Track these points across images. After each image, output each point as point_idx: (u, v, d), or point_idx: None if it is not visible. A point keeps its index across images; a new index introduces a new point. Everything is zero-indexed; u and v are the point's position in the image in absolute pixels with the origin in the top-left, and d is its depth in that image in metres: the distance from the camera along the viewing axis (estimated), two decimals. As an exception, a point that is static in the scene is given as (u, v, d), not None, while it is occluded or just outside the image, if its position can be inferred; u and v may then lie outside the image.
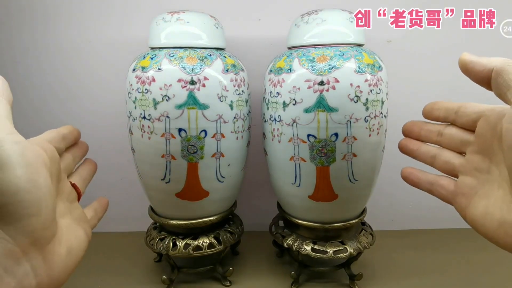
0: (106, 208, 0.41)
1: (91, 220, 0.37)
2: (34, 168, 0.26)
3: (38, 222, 0.25)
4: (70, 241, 0.30)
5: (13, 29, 0.63)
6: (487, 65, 0.29)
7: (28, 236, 0.25)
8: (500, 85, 0.28)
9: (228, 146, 0.49)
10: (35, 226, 0.25)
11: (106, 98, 0.65)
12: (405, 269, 0.57)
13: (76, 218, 0.33)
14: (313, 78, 0.44)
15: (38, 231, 0.25)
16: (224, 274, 0.54)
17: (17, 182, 0.24)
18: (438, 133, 0.36)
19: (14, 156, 0.24)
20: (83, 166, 0.40)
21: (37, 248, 0.26)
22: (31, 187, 0.25)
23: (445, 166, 0.35)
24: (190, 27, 0.48)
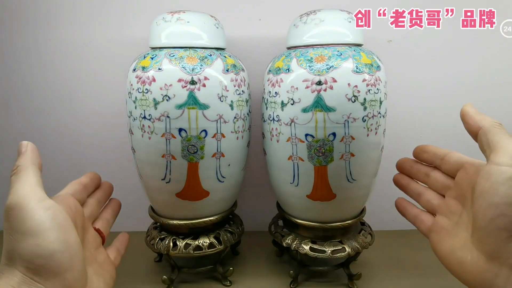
0: (128, 242, 0.45)
1: (115, 259, 0.40)
2: (64, 230, 0.30)
3: (72, 275, 0.29)
4: (99, 287, 0.34)
5: (14, 29, 0.63)
6: (478, 122, 0.33)
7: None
8: (484, 143, 0.32)
9: (229, 146, 0.49)
10: (69, 280, 0.29)
11: (107, 98, 0.65)
12: (405, 269, 0.57)
13: (102, 263, 0.37)
14: (311, 78, 0.44)
15: (72, 283, 0.29)
16: (225, 274, 0.54)
17: (52, 246, 0.28)
18: (425, 174, 0.41)
19: (47, 222, 0.28)
20: (107, 209, 0.44)
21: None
22: (63, 248, 0.29)
23: (427, 204, 0.40)
24: (191, 27, 0.48)
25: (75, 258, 0.30)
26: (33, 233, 0.28)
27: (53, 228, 0.29)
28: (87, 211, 0.38)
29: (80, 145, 0.67)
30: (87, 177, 0.41)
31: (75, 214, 0.33)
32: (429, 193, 0.40)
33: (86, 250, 0.35)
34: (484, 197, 0.29)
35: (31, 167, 0.31)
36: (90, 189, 0.41)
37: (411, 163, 0.44)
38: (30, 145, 0.32)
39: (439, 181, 0.39)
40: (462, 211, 0.35)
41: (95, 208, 0.41)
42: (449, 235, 0.35)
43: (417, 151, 0.43)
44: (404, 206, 0.44)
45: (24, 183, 0.29)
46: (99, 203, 0.42)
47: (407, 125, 0.66)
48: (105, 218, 0.42)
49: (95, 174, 0.43)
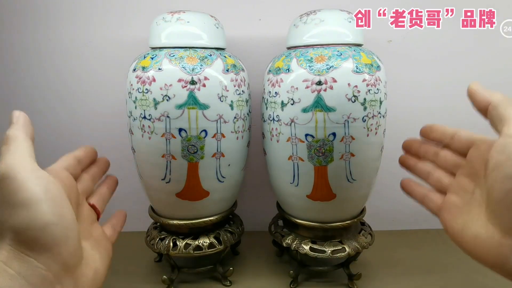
0: (124, 220, 0.43)
1: (111, 237, 0.39)
2: (58, 202, 0.28)
3: (67, 250, 0.28)
4: (95, 262, 0.32)
5: (14, 29, 0.63)
6: (487, 97, 0.32)
7: (59, 263, 0.27)
8: (494, 117, 0.31)
9: (229, 146, 0.49)
10: (64, 254, 0.27)
11: (107, 98, 0.65)
12: (405, 269, 0.57)
13: (97, 239, 0.35)
14: (311, 78, 0.44)
15: (67, 257, 0.28)
16: (225, 274, 0.54)
17: (45, 217, 0.27)
18: (434, 154, 0.40)
19: (40, 193, 0.27)
20: (102, 185, 0.42)
21: (68, 273, 0.28)
22: (57, 220, 0.27)
23: (436, 183, 0.39)
24: (191, 27, 0.48)
25: (70, 232, 0.28)
26: (25, 205, 0.26)
27: (46, 199, 0.27)
28: (81, 186, 0.37)
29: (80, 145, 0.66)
30: (82, 151, 0.39)
31: (69, 188, 0.32)
32: (438, 172, 0.39)
33: (80, 225, 0.33)
34: (500, 170, 0.29)
35: (23, 137, 0.29)
36: (84, 164, 0.39)
37: (419, 143, 0.42)
38: (22, 115, 0.31)
39: (449, 159, 0.38)
40: (474, 188, 0.34)
41: (90, 184, 0.39)
42: (462, 213, 0.34)
43: (424, 130, 0.42)
44: (411, 186, 0.42)
45: (15, 153, 0.28)
46: (94, 178, 0.40)
47: (407, 125, 0.65)
48: (101, 194, 0.40)
49: (91, 148, 0.41)
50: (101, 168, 0.42)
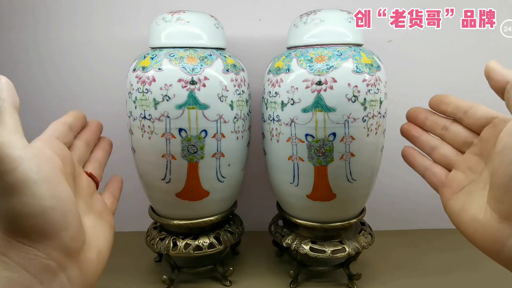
0: (121, 185, 0.40)
1: (112, 205, 0.36)
2: (54, 182, 0.25)
3: (68, 235, 0.26)
4: (98, 242, 0.30)
5: (14, 28, 0.63)
6: (506, 76, 0.31)
7: (61, 250, 0.25)
8: (510, 98, 0.29)
9: (229, 146, 0.49)
10: (65, 240, 0.25)
11: (107, 98, 0.65)
12: (405, 269, 0.57)
13: (99, 212, 0.33)
14: (311, 78, 0.44)
15: (69, 243, 0.26)
16: (225, 274, 0.54)
17: (41, 202, 0.24)
18: (443, 127, 0.37)
19: (32, 174, 0.24)
20: (97, 149, 0.39)
21: (71, 259, 0.26)
22: (55, 203, 0.25)
23: (442, 159, 0.37)
24: (191, 27, 0.48)
25: (69, 214, 0.26)
26: (17, 189, 0.23)
27: (40, 180, 0.24)
28: (76, 154, 0.34)
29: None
30: (71, 115, 0.35)
31: (63, 160, 0.29)
32: (445, 147, 0.37)
33: (80, 200, 0.31)
34: (507, 153, 0.27)
35: (9, 109, 0.26)
36: (76, 130, 0.35)
37: (427, 113, 0.39)
38: (4, 81, 0.27)
39: (461, 135, 0.35)
40: (483, 169, 0.32)
41: (84, 151, 0.35)
42: (464, 192, 0.33)
43: (435, 101, 0.38)
44: (413, 155, 0.40)
45: (2, 129, 0.24)
46: (88, 144, 0.37)
47: (407, 125, 0.66)
48: (96, 160, 0.37)
49: (79, 112, 0.37)
50: (93, 131, 0.39)
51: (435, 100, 0.38)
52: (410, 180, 0.68)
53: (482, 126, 0.33)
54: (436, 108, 0.38)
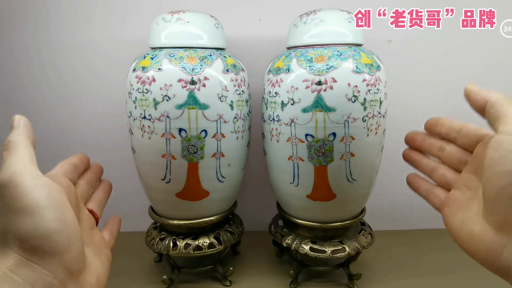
0: (120, 225, 0.43)
1: (109, 242, 0.39)
2: (61, 208, 0.28)
3: (71, 256, 0.28)
4: (97, 269, 0.33)
5: (14, 28, 0.63)
6: (484, 96, 0.32)
7: (64, 270, 0.27)
8: (492, 116, 0.31)
9: (229, 146, 0.49)
10: (68, 261, 0.27)
11: (107, 98, 0.65)
12: (405, 269, 0.57)
13: (98, 244, 0.35)
14: (311, 78, 0.44)
15: (72, 264, 0.28)
16: (225, 274, 0.54)
17: (49, 225, 0.27)
18: (439, 149, 0.39)
19: (42, 200, 0.27)
20: (98, 190, 0.42)
21: (72, 279, 0.28)
22: (61, 227, 0.27)
23: (440, 179, 0.39)
24: (191, 27, 0.48)
25: (73, 238, 0.28)
26: (29, 212, 0.26)
27: (49, 206, 0.27)
28: (79, 191, 0.37)
29: (80, 145, 0.67)
30: (76, 157, 0.39)
31: (69, 193, 0.32)
32: (443, 167, 0.39)
33: (82, 231, 0.32)
34: (494, 167, 0.29)
35: (24, 142, 0.29)
36: (80, 170, 0.39)
37: (423, 136, 0.41)
38: (23, 119, 0.31)
39: (455, 155, 0.37)
40: (478, 186, 0.33)
41: (86, 189, 0.39)
42: (462, 209, 0.34)
43: (429, 124, 0.40)
44: (416, 181, 0.42)
45: (17, 159, 0.28)
46: (90, 184, 0.40)
47: (407, 125, 0.66)
48: (97, 199, 0.40)
49: (84, 155, 0.41)
50: (95, 173, 0.42)
51: (430, 123, 0.40)
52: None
53: (475, 144, 0.35)
54: (432, 130, 0.40)
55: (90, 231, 0.36)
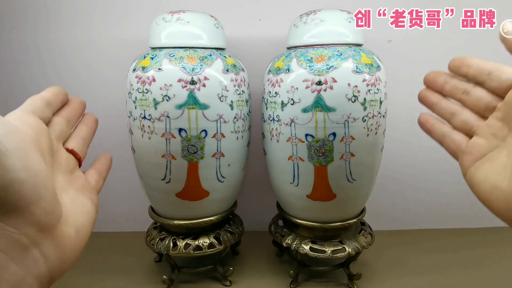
0: (110, 164, 0.39)
1: (96, 184, 0.35)
2: (23, 154, 0.24)
3: (40, 209, 0.24)
4: (77, 218, 0.29)
5: (14, 28, 0.63)
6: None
7: (33, 225, 0.24)
8: None
9: (229, 146, 0.49)
10: (37, 214, 0.24)
11: (107, 98, 0.65)
12: (405, 269, 0.57)
13: (80, 189, 0.32)
14: (311, 78, 0.44)
15: (42, 217, 0.24)
16: (225, 274, 0.54)
17: (9, 174, 0.23)
18: (464, 92, 0.34)
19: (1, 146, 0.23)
20: (80, 126, 0.37)
21: (45, 234, 0.25)
22: (24, 176, 0.23)
23: (462, 125, 0.34)
24: (191, 27, 0.48)
25: (41, 188, 0.24)
26: None
27: (8, 152, 0.23)
28: (55, 131, 0.32)
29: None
30: (49, 91, 0.33)
31: (38, 134, 0.27)
32: (466, 112, 0.34)
33: (58, 176, 0.30)
34: None
35: None
36: (54, 106, 0.33)
37: (446, 77, 0.37)
38: None
39: (483, 100, 0.33)
40: (507, 135, 0.30)
41: (64, 128, 0.34)
42: (486, 159, 0.31)
43: (454, 64, 0.36)
44: (430, 122, 0.37)
45: None
46: (69, 121, 0.35)
47: (407, 125, 0.66)
48: (79, 136, 0.36)
49: (59, 88, 0.35)
50: (75, 108, 0.37)
51: (456, 62, 0.36)
52: (410, 180, 0.68)
53: (507, 89, 0.31)
54: (457, 71, 0.36)
55: (70, 174, 0.32)
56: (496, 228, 0.69)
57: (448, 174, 0.68)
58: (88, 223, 0.30)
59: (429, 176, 0.68)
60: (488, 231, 0.69)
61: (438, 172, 0.68)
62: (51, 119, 0.33)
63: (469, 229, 0.70)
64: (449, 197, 0.69)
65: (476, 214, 0.70)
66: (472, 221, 0.70)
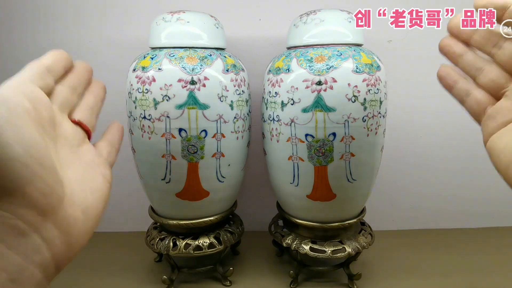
0: (122, 132, 0.36)
1: (109, 156, 0.32)
2: (13, 127, 0.21)
3: (36, 189, 0.22)
4: (85, 198, 0.26)
5: (15, 29, 0.63)
6: None
7: (30, 207, 0.21)
8: None
9: (229, 146, 0.49)
10: (33, 195, 0.21)
11: (107, 98, 0.65)
12: (405, 269, 0.57)
13: (89, 163, 0.29)
14: (311, 78, 0.44)
15: (40, 199, 0.22)
16: (225, 274, 0.54)
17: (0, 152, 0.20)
18: (496, 44, 0.29)
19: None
20: (87, 95, 0.33)
21: (45, 218, 0.22)
22: (18, 152, 0.21)
23: (489, 84, 0.30)
24: (191, 27, 0.48)
25: (36, 165, 0.22)
26: None
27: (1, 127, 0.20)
28: (57, 100, 0.29)
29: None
30: (51, 57, 0.29)
31: (36, 105, 0.24)
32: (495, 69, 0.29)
33: (61, 150, 0.26)
34: None
35: None
36: (56, 73, 0.29)
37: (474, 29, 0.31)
38: None
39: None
40: None
41: (69, 97, 0.30)
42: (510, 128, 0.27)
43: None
44: (453, 76, 0.32)
45: None
46: (75, 89, 0.31)
47: (407, 125, 0.66)
48: (87, 106, 0.32)
49: (62, 52, 0.31)
50: (80, 75, 0.33)
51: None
52: (410, 180, 0.68)
53: None
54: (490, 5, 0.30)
55: (77, 147, 0.29)
56: (496, 228, 0.69)
57: (448, 174, 0.68)
58: (98, 202, 0.27)
59: (429, 176, 0.68)
60: (488, 231, 0.69)
61: (438, 172, 0.68)
62: (54, 88, 0.29)
63: (469, 229, 0.70)
64: (449, 197, 0.69)
65: (476, 214, 0.70)
66: (472, 221, 0.70)
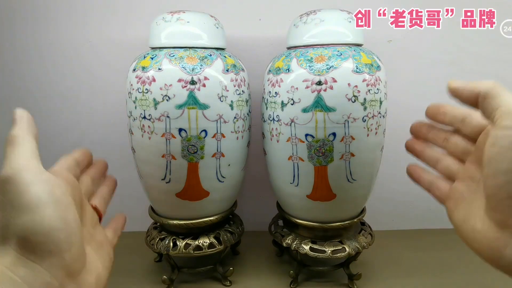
0: (124, 223, 0.42)
1: (112, 240, 0.38)
2: (63, 206, 0.27)
3: (70, 256, 0.27)
4: (98, 268, 0.32)
5: (15, 28, 0.63)
6: (473, 89, 0.31)
7: (62, 269, 0.26)
8: (486, 108, 0.29)
9: (229, 146, 0.49)
10: (67, 260, 0.27)
11: (107, 98, 0.65)
12: (405, 269, 0.57)
13: (100, 242, 0.35)
14: (311, 78, 0.44)
15: (71, 263, 0.27)
16: (225, 274, 0.54)
17: (49, 222, 0.26)
18: (444, 139, 0.37)
19: (44, 196, 0.26)
20: (102, 186, 0.41)
21: (71, 279, 0.27)
22: (61, 225, 0.27)
23: (445, 171, 0.37)
24: (191, 27, 0.48)
25: (74, 236, 0.28)
26: (29, 208, 0.26)
27: (50, 203, 0.26)
28: (82, 187, 0.36)
29: (80, 145, 0.66)
30: (79, 152, 0.38)
31: (72, 189, 0.31)
32: (447, 159, 0.36)
33: (84, 228, 0.32)
34: (492, 164, 0.27)
35: (28, 138, 0.29)
36: (82, 165, 0.37)
37: (428, 127, 0.39)
38: (25, 114, 0.30)
39: (460, 146, 0.35)
40: (480, 178, 0.32)
41: (90, 185, 0.38)
42: (465, 202, 0.32)
43: (432, 110, 0.38)
44: (418, 172, 0.39)
45: (20, 155, 0.27)
46: (93, 180, 0.39)
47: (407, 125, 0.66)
48: (102, 195, 0.39)
49: (87, 150, 0.39)
50: (99, 169, 0.41)
51: (432, 110, 0.38)
52: (410, 180, 0.68)
53: (478, 134, 0.33)
54: (434, 119, 0.38)
55: (92, 228, 0.35)
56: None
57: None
58: (105, 274, 0.33)
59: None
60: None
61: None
62: (80, 177, 0.36)
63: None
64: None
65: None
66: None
